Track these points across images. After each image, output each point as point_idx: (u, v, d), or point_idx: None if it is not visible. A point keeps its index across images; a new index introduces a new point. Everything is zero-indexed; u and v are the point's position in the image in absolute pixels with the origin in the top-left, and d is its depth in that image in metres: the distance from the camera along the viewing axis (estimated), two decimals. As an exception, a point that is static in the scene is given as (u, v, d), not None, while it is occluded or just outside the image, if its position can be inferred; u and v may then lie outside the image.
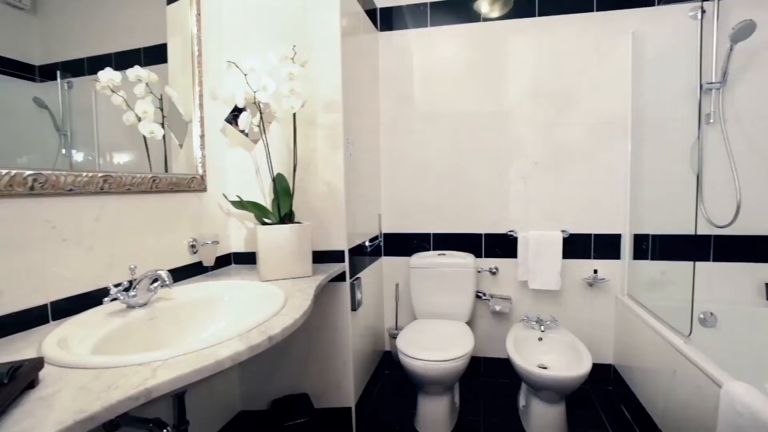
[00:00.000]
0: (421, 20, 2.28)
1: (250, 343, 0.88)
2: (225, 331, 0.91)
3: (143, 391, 0.65)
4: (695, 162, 1.74)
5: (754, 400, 1.11)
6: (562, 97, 2.15)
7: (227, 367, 0.81)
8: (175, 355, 0.78)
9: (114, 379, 0.68)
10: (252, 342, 0.88)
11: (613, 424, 1.89)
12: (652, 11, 2.02)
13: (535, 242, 2.13)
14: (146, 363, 0.74)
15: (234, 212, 1.71)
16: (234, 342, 0.87)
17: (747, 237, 1.99)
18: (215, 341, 0.86)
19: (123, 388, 0.65)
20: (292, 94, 1.45)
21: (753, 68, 1.93)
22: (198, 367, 0.75)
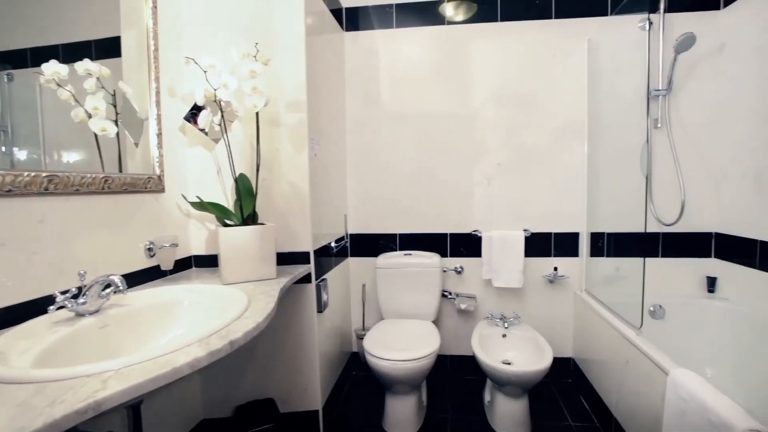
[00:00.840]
0: (387, 21, 2.29)
1: (210, 348, 0.85)
2: (184, 338, 0.88)
3: (92, 404, 0.61)
4: (645, 164, 1.84)
5: (696, 386, 1.19)
6: (524, 101, 2.22)
7: (186, 375, 0.78)
8: (129, 364, 0.74)
9: (59, 392, 0.64)
10: (212, 348, 0.85)
11: (572, 415, 1.97)
12: (605, 20, 2.13)
13: (498, 241, 2.19)
14: (96, 374, 0.70)
15: (194, 213, 1.65)
16: (193, 348, 0.84)
17: (690, 234, 2.13)
18: (173, 348, 0.82)
19: (69, 401, 0.61)
20: (254, 92, 1.42)
21: (693, 78, 2.07)
22: (154, 375, 0.72)
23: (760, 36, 1.83)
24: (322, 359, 1.82)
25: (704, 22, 2.03)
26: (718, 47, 2.04)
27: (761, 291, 1.82)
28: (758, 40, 1.84)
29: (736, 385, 1.78)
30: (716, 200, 2.09)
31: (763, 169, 1.83)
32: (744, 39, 1.92)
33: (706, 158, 2.09)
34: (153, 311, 1.12)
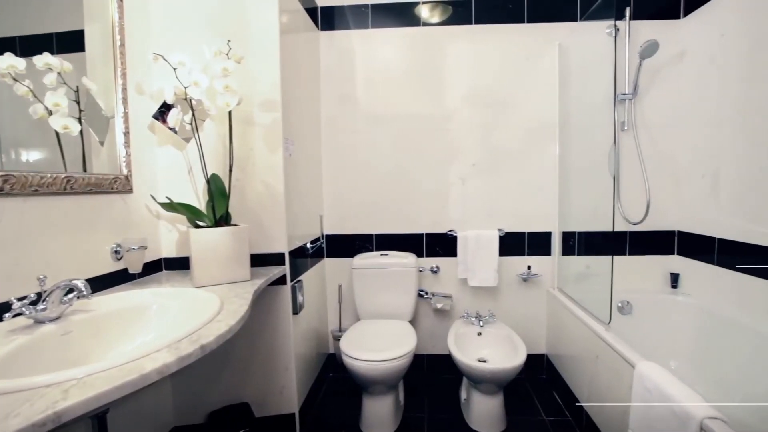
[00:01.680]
0: (362, 21, 2.28)
1: (180, 353, 0.82)
2: (153, 343, 0.85)
3: (51, 416, 0.58)
4: (612, 165, 1.91)
5: (660, 378, 1.24)
6: (498, 102, 2.27)
7: (155, 381, 0.76)
8: (93, 372, 0.71)
9: (14, 405, 0.60)
10: (182, 352, 0.83)
11: (546, 410, 2.02)
12: (575, 26, 2.19)
13: (473, 241, 2.22)
14: (56, 383, 0.67)
15: (164, 215, 1.60)
16: (162, 353, 0.82)
17: (655, 232, 2.22)
18: (141, 354, 0.80)
19: (25, 414, 0.58)
20: (227, 91, 1.39)
21: (657, 83, 2.16)
22: (119, 383, 0.69)
23: (716, 45, 1.93)
24: (298, 361, 1.80)
25: (666, 30, 2.12)
26: (678, 54, 2.13)
27: (719, 285, 1.92)
28: (714, 49, 1.94)
29: (697, 375, 1.86)
30: (678, 200, 2.19)
31: (719, 170, 1.93)
32: (702, 47, 2.02)
33: (669, 160, 2.18)
34: (120, 316, 1.08)
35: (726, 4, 1.87)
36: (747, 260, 1.75)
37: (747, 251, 1.75)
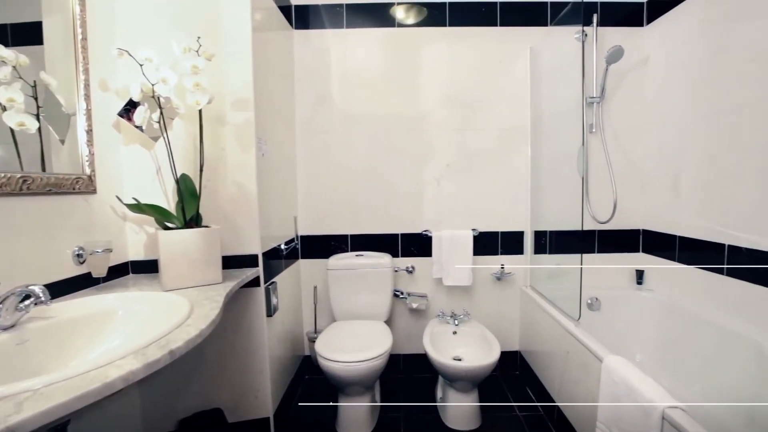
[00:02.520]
0: (337, 21, 2.27)
1: (147, 360, 0.80)
2: (118, 350, 0.82)
3: (3, 430, 0.55)
4: (581, 166, 1.97)
5: (625, 371, 1.29)
6: (472, 104, 2.30)
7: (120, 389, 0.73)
8: (51, 383, 0.68)
9: (-38, 419, 0.57)
10: (150, 358, 0.80)
11: (519, 405, 2.06)
12: (546, 30, 2.25)
13: (448, 241, 2.25)
14: (9, 396, 0.63)
15: (131, 216, 1.54)
16: (128, 360, 0.79)
17: (622, 231, 2.31)
18: (105, 361, 0.77)
19: (-27, 429, 0.54)
20: (197, 89, 1.35)
21: (623, 87, 2.25)
22: (81, 393, 0.66)
23: (676, 52, 2.02)
24: (273, 364, 1.77)
25: (631, 37, 2.21)
26: (642, 60, 2.22)
27: (679, 281, 2.02)
28: (675, 55, 2.03)
29: (660, 367, 1.95)
30: (643, 200, 2.28)
31: (679, 171, 2.02)
32: (664, 54, 2.11)
33: (634, 161, 2.27)
34: (82, 323, 1.03)
35: (685, 13, 1.96)
36: (705, 256, 1.85)
37: (705, 248, 1.84)
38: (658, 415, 1.09)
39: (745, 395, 1.49)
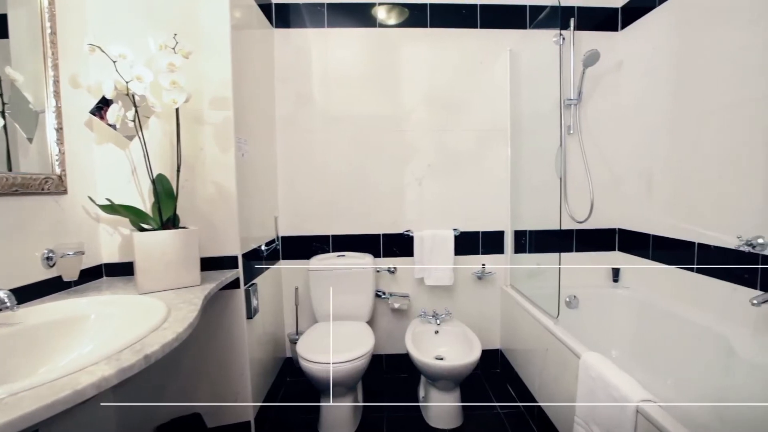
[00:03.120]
0: (318, 20, 2.25)
1: (121, 365, 0.78)
2: (90, 355, 0.80)
3: (-35, 441, 0.53)
4: (559, 167, 2.01)
5: (602, 366, 1.32)
6: (453, 104, 2.32)
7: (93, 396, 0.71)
8: (17, 391, 0.65)
9: None
10: (124, 364, 0.78)
11: (500, 403, 2.09)
12: (525, 33, 2.29)
13: (429, 241, 2.26)
14: (-30, 406, 0.60)
15: (105, 218, 1.50)
16: (101, 366, 0.77)
17: (598, 230, 2.37)
18: (75, 368, 0.74)
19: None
20: (174, 87, 1.32)
21: (599, 89, 2.31)
22: (49, 402, 0.63)
23: (649, 57, 2.08)
24: (253, 367, 1.75)
25: (607, 41, 2.27)
26: (617, 64, 2.29)
27: (653, 278, 2.08)
28: (648, 60, 2.09)
29: (635, 362, 2.00)
30: (618, 199, 2.34)
31: (652, 172, 2.08)
32: (637, 59, 2.18)
33: (610, 162, 2.33)
34: (52, 328, 0.99)
35: (656, 20, 2.03)
36: (677, 254, 1.91)
37: (677, 246, 1.90)
38: (633, 409, 1.12)
39: (713, 386, 1.55)
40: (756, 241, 1.46)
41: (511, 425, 1.91)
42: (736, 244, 1.53)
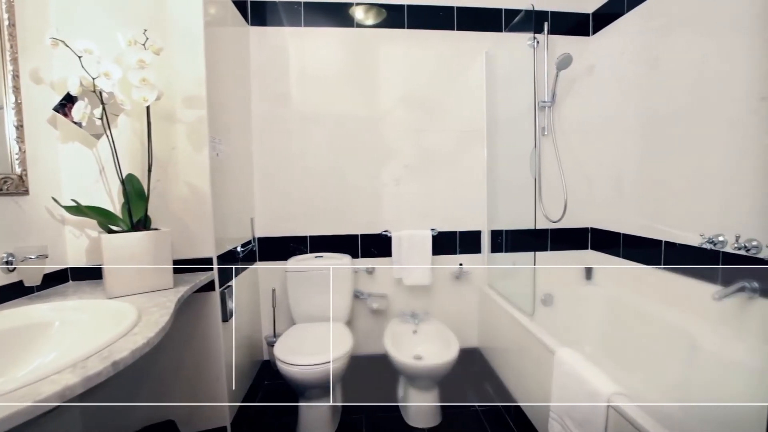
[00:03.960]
0: (295, 19, 2.23)
1: (87, 373, 0.75)
2: (54, 364, 0.77)
3: None
4: (534, 167, 2.05)
5: (574, 362, 1.36)
6: (430, 105, 2.33)
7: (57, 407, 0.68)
8: (-29, 404, 0.62)
9: None
10: (90, 371, 0.75)
11: (478, 400, 2.11)
12: (500, 36, 2.33)
13: (407, 241, 2.27)
14: None
15: (71, 220, 1.44)
16: (65, 374, 0.74)
17: (572, 229, 2.43)
18: (37, 377, 0.71)
19: None
20: (144, 84, 1.28)
21: (571, 92, 2.37)
22: (7, 414, 0.60)
23: (617, 62, 2.15)
24: (229, 371, 1.71)
25: (579, 46, 2.33)
26: (589, 68, 2.35)
27: (623, 276, 2.15)
28: (617, 65, 2.16)
29: (607, 357, 2.06)
30: (591, 199, 2.41)
31: (622, 173, 2.16)
32: (607, 63, 2.25)
33: (582, 163, 2.40)
34: (11, 336, 0.95)
35: (624, 27, 2.10)
36: (645, 252, 1.98)
37: (645, 244, 1.98)
38: (604, 401, 1.15)
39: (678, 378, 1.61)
40: (717, 239, 1.53)
41: (489, 422, 1.94)
42: (699, 242, 1.59)
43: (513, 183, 2.23)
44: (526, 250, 2.12)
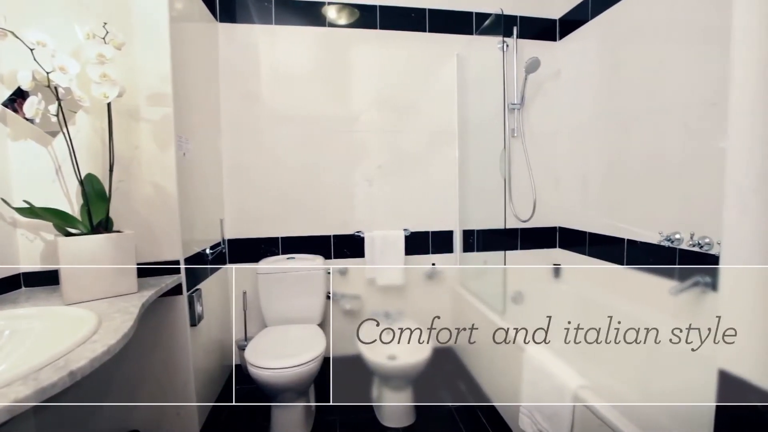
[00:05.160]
0: (266, 17, 2.19)
1: (40, 384, 0.71)
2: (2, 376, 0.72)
3: None
4: (504, 168, 2.10)
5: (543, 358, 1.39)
6: (403, 106, 2.34)
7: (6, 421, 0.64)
8: None
9: None
10: (44, 383, 0.71)
11: (452, 399, 2.14)
12: (471, 38, 2.37)
13: (380, 241, 2.27)
14: None
15: (23, 222, 1.36)
16: (15, 387, 0.69)
17: (541, 228, 2.50)
18: (-18, 391, 0.66)
19: None
20: (104, 80, 1.23)
21: (540, 95, 2.44)
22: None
23: (582, 67, 2.24)
24: (199, 377, 1.66)
25: (546, 50, 2.40)
26: (556, 72, 2.43)
27: (589, 273, 2.23)
28: (581, 69, 2.25)
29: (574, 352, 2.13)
30: (558, 199, 2.48)
31: (587, 174, 2.24)
32: (572, 68, 2.33)
33: (550, 164, 2.47)
34: (-44, 347, 0.88)
35: (586, 33, 2.19)
36: (609, 250, 2.06)
37: (609, 242, 2.06)
38: (571, 395, 1.19)
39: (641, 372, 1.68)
40: (674, 237, 1.61)
41: (462, 419, 1.96)
42: (658, 239, 1.67)
43: (484, 183, 2.27)
44: (497, 249, 2.17)
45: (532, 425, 1.41)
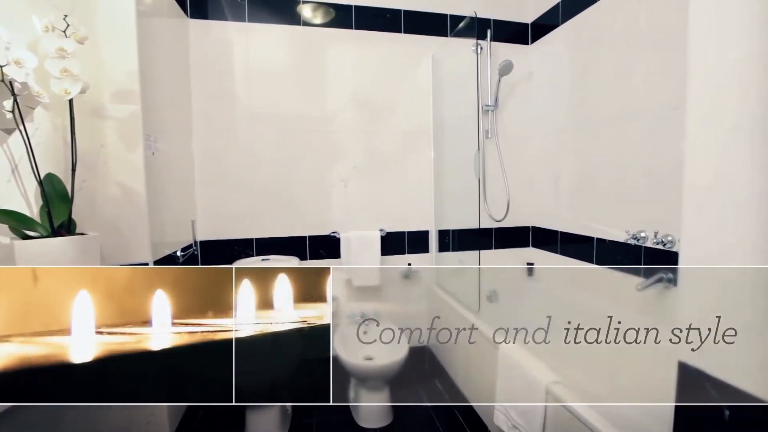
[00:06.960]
0: (239, 14, 2.15)
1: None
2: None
3: None
4: (478, 168, 2.13)
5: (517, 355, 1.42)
6: (378, 107, 2.35)
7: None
8: None
9: None
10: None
11: (429, 398, 2.15)
12: (446, 40, 2.39)
13: (356, 242, 2.26)
14: None
15: (-23, 224, 1.28)
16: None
17: (515, 228, 2.55)
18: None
19: None
20: (65, 75, 1.17)
21: (513, 97, 2.49)
22: None
23: (553, 70, 2.30)
24: (169, 384, 1.61)
25: (519, 53, 2.46)
26: (528, 75, 2.48)
27: (561, 271, 2.29)
28: (552, 73, 2.31)
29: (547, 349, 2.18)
30: (531, 199, 2.54)
31: (559, 174, 2.30)
32: (544, 71, 2.39)
33: (523, 164, 2.53)
34: None
35: (556, 38, 2.25)
36: (580, 248, 2.12)
37: (580, 241, 2.12)
38: (543, 390, 1.22)
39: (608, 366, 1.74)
40: (640, 235, 1.67)
41: (439, 418, 1.98)
42: (624, 238, 1.74)
43: (459, 184, 2.30)
44: (472, 248, 2.20)
45: (506, 421, 1.43)
